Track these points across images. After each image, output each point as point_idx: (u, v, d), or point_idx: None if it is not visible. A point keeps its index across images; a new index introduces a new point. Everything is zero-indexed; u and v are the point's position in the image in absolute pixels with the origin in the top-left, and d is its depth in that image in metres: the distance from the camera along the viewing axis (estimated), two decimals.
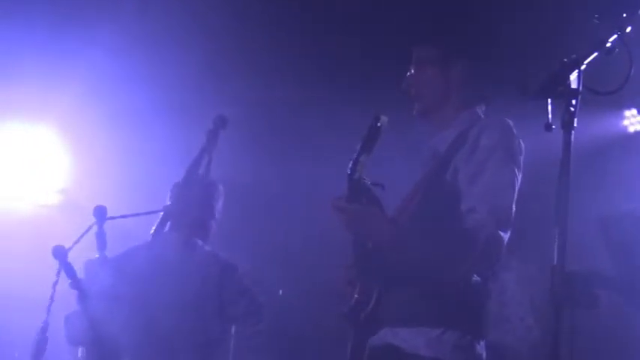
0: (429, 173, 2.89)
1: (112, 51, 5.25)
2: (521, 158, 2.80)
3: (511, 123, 2.85)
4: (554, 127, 2.12)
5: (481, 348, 2.76)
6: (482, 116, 2.97)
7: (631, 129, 6.03)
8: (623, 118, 6.06)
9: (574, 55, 2.18)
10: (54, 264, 4.50)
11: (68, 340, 4.32)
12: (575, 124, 2.10)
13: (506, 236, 2.69)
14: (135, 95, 5.41)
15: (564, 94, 2.11)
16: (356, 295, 2.74)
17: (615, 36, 2.30)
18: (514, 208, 2.73)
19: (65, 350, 4.60)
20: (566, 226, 2.03)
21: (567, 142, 2.09)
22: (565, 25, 4.65)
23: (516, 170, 2.76)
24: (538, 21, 4.91)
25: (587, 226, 3.87)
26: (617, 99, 5.73)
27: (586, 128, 3.37)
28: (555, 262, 2.02)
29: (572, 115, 2.09)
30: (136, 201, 5.23)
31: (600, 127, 5.87)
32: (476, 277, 2.72)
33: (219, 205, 4.47)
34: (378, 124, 2.67)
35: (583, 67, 2.15)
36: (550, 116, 2.17)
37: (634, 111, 6.03)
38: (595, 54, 2.23)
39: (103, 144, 5.66)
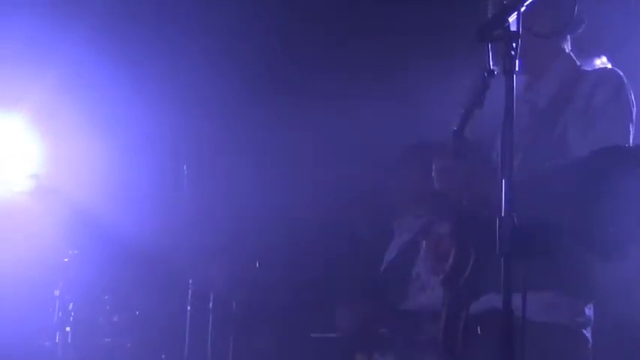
0: (532, 129, 2.74)
1: (87, 41, 5.34)
2: (635, 111, 2.74)
3: (622, 74, 2.81)
4: (496, 72, 2.04)
5: (590, 311, 2.71)
6: (578, 63, 2.91)
7: None
8: (593, 66, 5.95)
9: None
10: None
11: None
12: (517, 69, 2.01)
13: None
14: (108, 83, 5.51)
15: (504, 37, 2.02)
16: (451, 261, 2.60)
17: None
18: None
19: None
20: (511, 175, 1.96)
21: (510, 88, 2.00)
22: None
23: (631, 127, 2.70)
24: None
25: None
26: (588, 46, 5.62)
27: None
28: (503, 213, 1.95)
29: (513, 59, 2.01)
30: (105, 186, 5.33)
31: None
32: None
33: None
34: (486, 76, 2.36)
35: (523, 8, 2.06)
36: (491, 61, 2.09)
37: (604, 58, 5.92)
38: None
39: (75, 132, 5.74)
